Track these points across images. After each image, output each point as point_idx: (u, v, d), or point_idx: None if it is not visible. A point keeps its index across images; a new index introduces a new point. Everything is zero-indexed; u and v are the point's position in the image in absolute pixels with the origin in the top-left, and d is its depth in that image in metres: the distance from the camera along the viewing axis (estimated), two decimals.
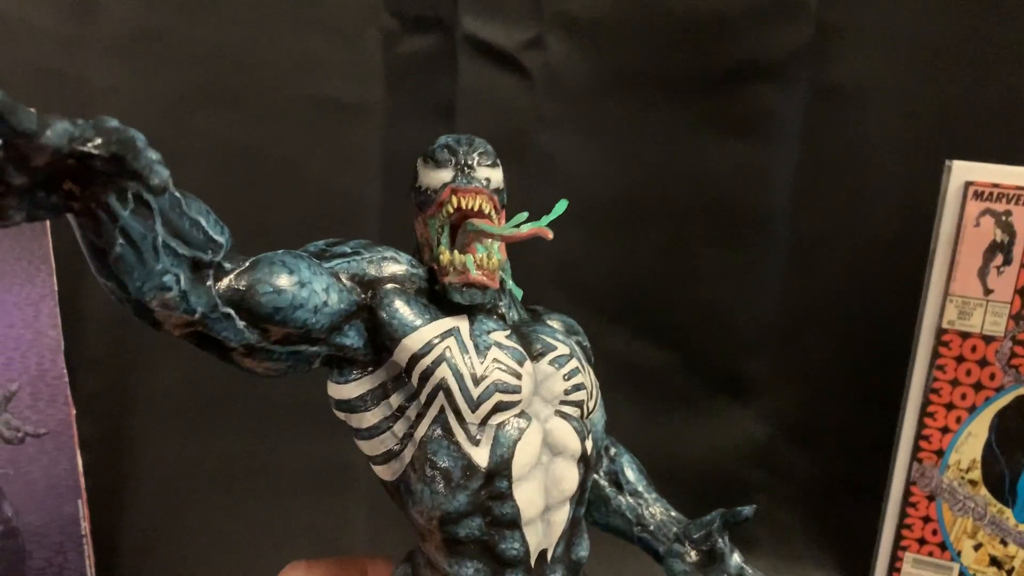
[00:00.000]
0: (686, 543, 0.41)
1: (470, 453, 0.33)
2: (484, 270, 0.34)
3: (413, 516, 0.35)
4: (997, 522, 0.58)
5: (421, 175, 0.37)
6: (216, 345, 0.31)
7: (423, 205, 0.37)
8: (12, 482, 0.55)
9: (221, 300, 0.30)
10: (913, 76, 0.60)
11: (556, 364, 0.36)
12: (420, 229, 0.37)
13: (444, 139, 0.37)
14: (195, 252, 0.30)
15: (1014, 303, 0.54)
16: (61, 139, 0.24)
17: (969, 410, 0.57)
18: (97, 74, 0.58)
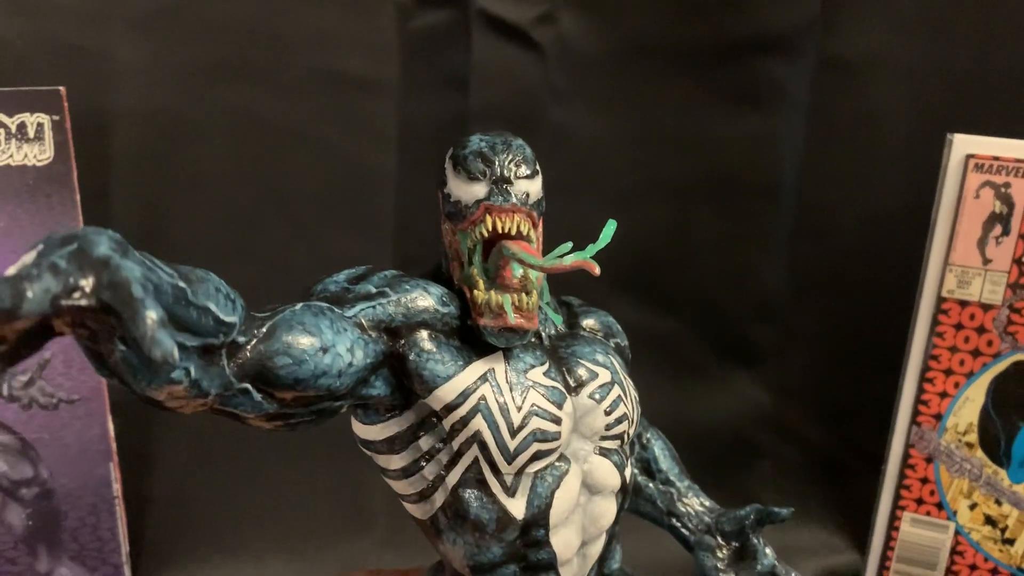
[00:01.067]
0: (717, 536, 0.40)
1: (505, 505, 0.31)
2: (523, 312, 0.31)
3: (444, 556, 0.33)
4: (992, 483, 0.60)
5: (451, 183, 0.33)
6: (232, 415, 0.29)
7: (454, 217, 0.33)
8: (47, 446, 0.57)
9: (236, 378, 0.28)
10: (918, 50, 0.61)
11: (597, 396, 0.33)
12: (449, 237, 0.34)
13: (477, 143, 0.33)
14: (205, 340, 0.26)
15: (1012, 272, 0.56)
16: (42, 304, 0.21)
17: (967, 376, 0.59)
18: (120, 49, 0.58)
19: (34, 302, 0.21)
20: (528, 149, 0.33)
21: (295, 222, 0.63)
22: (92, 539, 0.59)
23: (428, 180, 0.61)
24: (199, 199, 0.61)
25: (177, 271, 0.25)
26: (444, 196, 0.33)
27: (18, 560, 0.58)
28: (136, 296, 0.22)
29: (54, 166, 0.53)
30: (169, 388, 0.25)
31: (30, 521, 0.57)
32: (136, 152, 0.59)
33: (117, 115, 0.59)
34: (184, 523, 0.64)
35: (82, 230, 0.23)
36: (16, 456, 0.56)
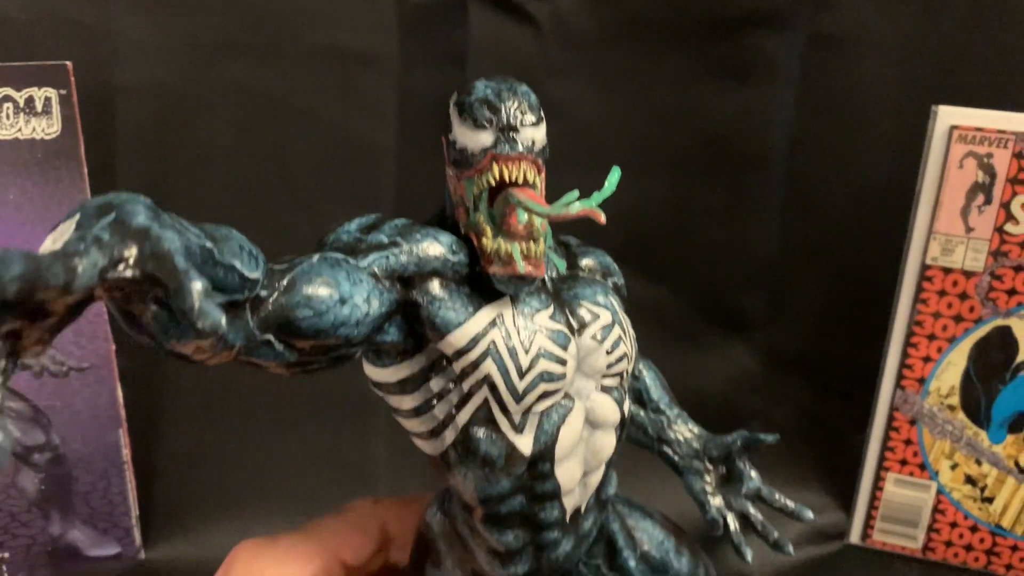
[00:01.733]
0: (705, 460, 0.41)
1: (514, 441, 0.32)
2: (531, 260, 0.31)
3: (454, 488, 0.34)
4: (972, 443, 0.62)
5: (456, 130, 0.32)
6: (254, 365, 0.30)
7: (459, 164, 0.32)
8: (58, 413, 0.58)
9: (259, 330, 0.28)
10: (904, 25, 0.61)
11: (599, 337, 0.34)
12: (454, 184, 0.33)
13: (483, 89, 0.32)
14: (231, 296, 0.27)
15: (993, 240, 0.57)
16: (92, 279, 0.22)
17: (949, 340, 0.60)
18: (123, 26, 0.59)
19: (84, 276, 0.21)
20: (533, 95, 0.33)
21: (296, 194, 0.63)
22: (103, 503, 0.60)
23: (427, 154, 0.62)
24: (202, 171, 0.62)
25: (203, 231, 0.26)
26: (449, 143, 0.32)
27: (32, 523, 0.59)
28: (180, 268, 0.23)
29: (62, 139, 0.54)
30: (197, 343, 0.26)
31: (43, 486, 0.59)
32: (141, 126, 0.60)
33: (122, 90, 0.59)
34: (191, 486, 0.64)
35: (116, 198, 0.24)
36: (28, 422, 0.57)
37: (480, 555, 0.35)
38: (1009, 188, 0.56)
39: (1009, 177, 0.56)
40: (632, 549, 0.39)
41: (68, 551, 0.60)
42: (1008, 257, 0.57)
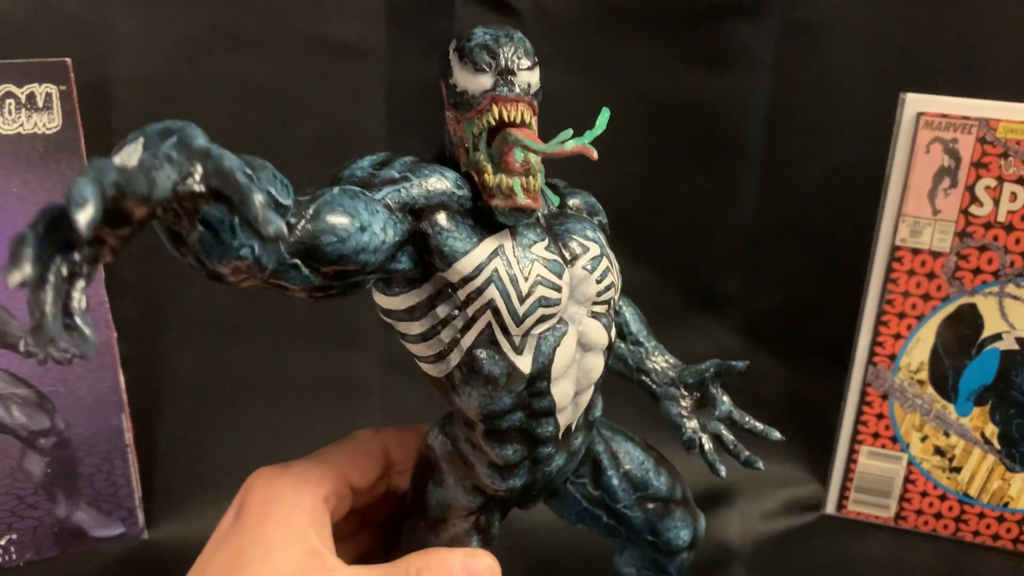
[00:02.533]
0: (681, 388, 0.44)
1: (514, 361, 0.35)
2: (530, 193, 0.34)
3: (458, 407, 0.37)
4: (941, 416, 0.64)
5: (457, 74, 0.34)
6: (281, 287, 0.32)
7: (459, 107, 0.34)
8: (63, 398, 0.59)
9: (288, 254, 0.30)
10: (875, 14, 0.63)
11: (590, 267, 0.37)
12: (453, 126, 0.36)
13: (482, 36, 0.34)
14: None
15: (958, 222, 0.60)
16: (166, 191, 0.24)
17: (918, 318, 0.62)
18: (117, 19, 0.60)
19: (161, 188, 0.23)
20: (528, 42, 0.35)
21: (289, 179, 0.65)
22: (107, 485, 0.62)
23: (414, 139, 0.65)
24: None
25: (242, 159, 0.28)
26: (449, 87, 0.35)
27: (38, 505, 0.61)
28: (242, 182, 0.24)
29: (62, 133, 0.55)
30: (236, 263, 0.28)
31: (48, 469, 0.60)
32: (136, 116, 0.59)
33: (117, 82, 0.60)
34: (192, 467, 0.66)
35: (174, 124, 0.26)
36: (34, 408, 0.59)
37: (480, 469, 0.38)
38: (973, 172, 0.58)
39: (973, 161, 0.58)
40: (616, 468, 0.43)
41: (74, 532, 0.62)
42: (973, 238, 0.60)
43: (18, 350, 0.58)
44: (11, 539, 0.60)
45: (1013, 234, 0.59)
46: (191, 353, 0.66)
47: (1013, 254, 0.59)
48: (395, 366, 0.69)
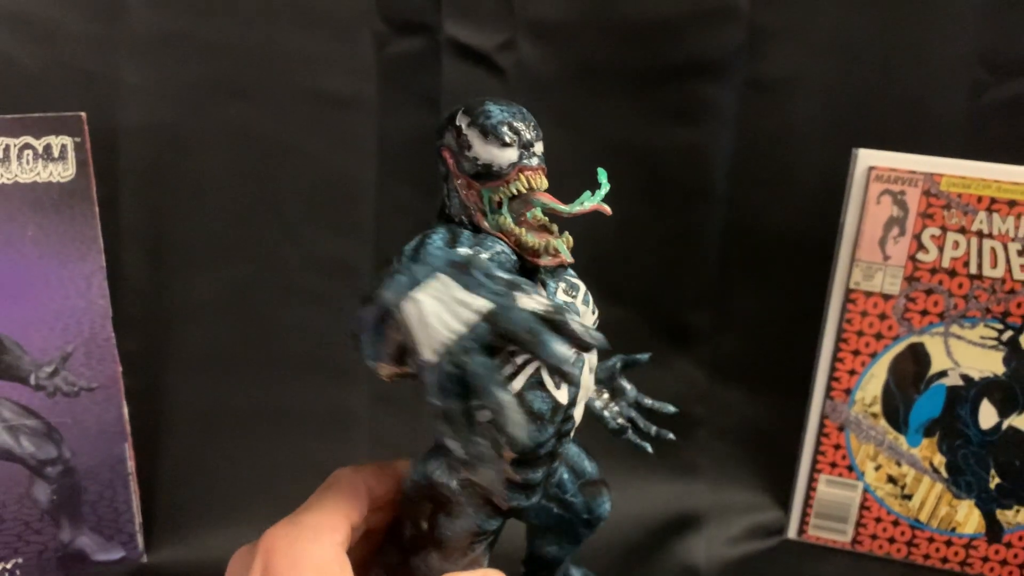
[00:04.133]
0: (597, 385, 0.48)
1: (556, 396, 0.38)
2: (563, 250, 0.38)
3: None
4: (893, 447, 0.68)
5: (479, 148, 0.38)
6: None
7: (482, 177, 0.38)
8: (70, 429, 0.62)
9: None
10: (830, 74, 0.67)
11: (585, 302, 0.41)
12: (465, 192, 0.39)
13: (500, 114, 0.38)
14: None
15: (907, 267, 0.64)
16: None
17: (871, 356, 0.66)
18: (125, 72, 0.63)
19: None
20: (532, 116, 0.39)
21: (285, 225, 0.68)
22: (109, 511, 0.65)
23: (404, 187, 0.69)
24: (199, 205, 0.67)
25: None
26: (467, 159, 0.38)
27: (43, 531, 0.63)
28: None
29: (76, 182, 0.59)
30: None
31: (54, 496, 0.63)
32: (143, 165, 0.65)
33: (125, 132, 0.64)
34: (190, 495, 0.69)
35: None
36: (42, 438, 0.62)
37: (501, 493, 0.41)
38: (920, 221, 0.63)
39: (919, 212, 0.63)
40: (563, 464, 0.46)
41: (76, 556, 0.65)
42: (920, 282, 0.65)
43: (29, 383, 0.61)
44: (17, 563, 0.63)
45: (956, 279, 0.64)
46: (191, 386, 0.69)
47: (956, 297, 0.64)
48: (383, 399, 0.72)
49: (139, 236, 0.65)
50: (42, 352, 0.61)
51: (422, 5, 0.65)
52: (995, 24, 0.66)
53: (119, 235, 0.64)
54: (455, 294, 0.33)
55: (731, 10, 0.67)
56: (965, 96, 0.68)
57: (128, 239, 0.65)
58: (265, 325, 0.69)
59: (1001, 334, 0.64)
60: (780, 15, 0.67)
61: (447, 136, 0.39)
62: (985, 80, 0.67)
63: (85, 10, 0.62)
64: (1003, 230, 0.62)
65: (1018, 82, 0.67)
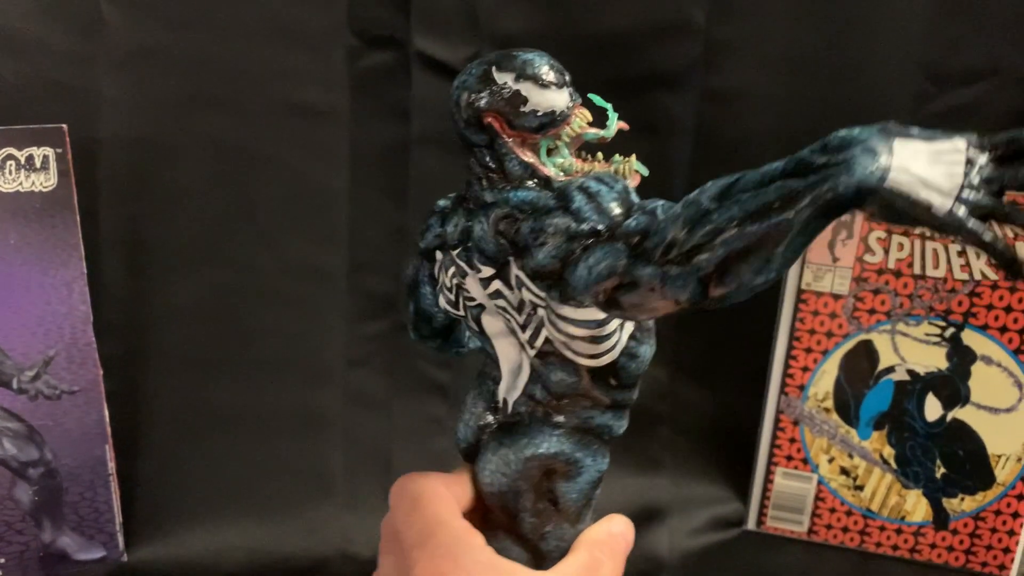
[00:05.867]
0: None
1: (651, 343, 0.40)
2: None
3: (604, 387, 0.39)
4: (845, 440, 0.71)
5: (538, 98, 0.36)
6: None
7: (544, 127, 0.37)
8: (51, 432, 0.64)
9: None
10: (782, 86, 0.69)
11: None
12: (521, 150, 0.37)
13: (540, 59, 0.37)
14: None
15: (855, 268, 0.67)
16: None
17: (823, 353, 0.70)
18: (104, 86, 0.64)
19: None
20: None
21: (260, 232, 0.70)
22: (90, 511, 0.66)
23: (376, 195, 0.71)
24: (177, 213, 0.68)
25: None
26: (525, 114, 0.36)
27: (25, 531, 0.65)
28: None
29: (57, 192, 0.61)
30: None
31: (36, 497, 0.65)
32: (123, 174, 0.66)
33: (105, 143, 0.65)
34: (169, 496, 0.71)
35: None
36: (24, 440, 0.64)
37: (619, 424, 0.41)
38: (866, 225, 0.67)
39: (866, 216, 0.66)
40: None
41: (58, 556, 0.66)
42: (868, 282, 0.68)
43: (11, 387, 0.63)
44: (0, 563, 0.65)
45: (901, 279, 0.67)
46: (170, 389, 0.70)
47: (902, 296, 0.68)
48: (355, 400, 0.74)
49: (119, 243, 0.67)
50: (24, 356, 0.63)
51: (392, 20, 0.68)
52: (937, 37, 0.69)
53: (99, 242, 0.66)
54: (923, 147, 0.27)
55: (687, 25, 0.69)
56: (910, 106, 0.71)
57: (108, 246, 0.67)
58: (242, 329, 0.71)
59: (944, 331, 0.68)
60: (734, 30, 0.70)
61: (485, 100, 0.37)
62: (928, 91, 0.70)
63: (65, 26, 0.64)
64: None
65: (959, 93, 0.70)
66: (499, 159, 0.38)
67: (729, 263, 0.29)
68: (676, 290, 0.30)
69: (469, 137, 0.38)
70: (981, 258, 0.66)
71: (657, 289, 0.30)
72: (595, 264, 0.33)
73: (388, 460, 0.75)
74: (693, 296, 0.30)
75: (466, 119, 0.38)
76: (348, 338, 0.73)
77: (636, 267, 0.31)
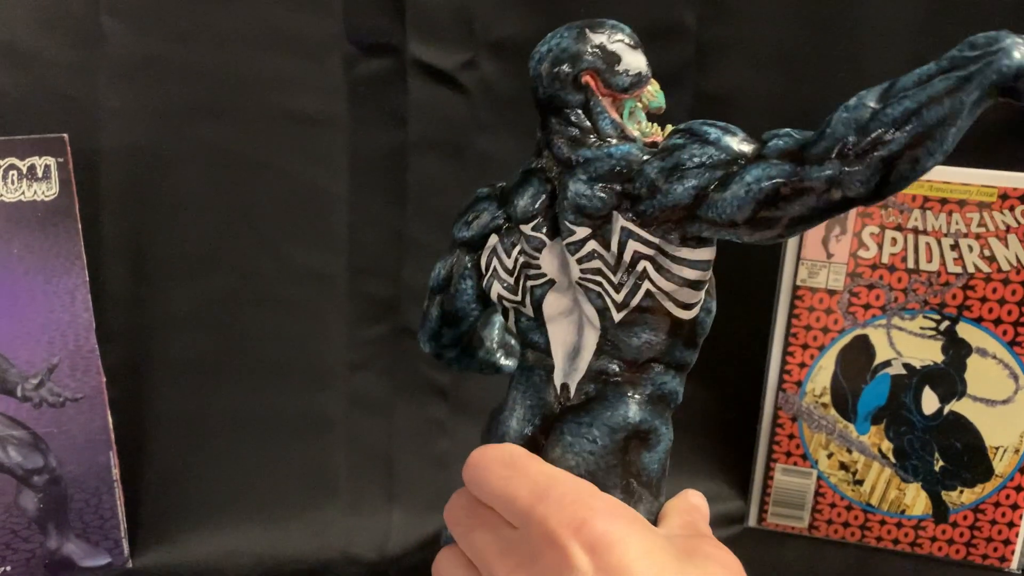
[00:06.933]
0: None
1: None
2: None
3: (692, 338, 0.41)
4: (844, 435, 0.72)
5: (629, 59, 0.39)
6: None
7: (632, 88, 0.39)
8: (56, 439, 0.64)
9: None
10: (774, 86, 0.70)
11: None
12: (611, 109, 0.40)
13: (622, 25, 0.40)
14: None
15: (849, 264, 0.68)
16: None
17: (819, 349, 0.70)
18: (105, 96, 0.65)
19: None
20: None
21: (261, 238, 0.71)
22: (95, 518, 0.67)
23: (375, 199, 0.72)
24: (178, 220, 0.69)
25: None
26: (618, 73, 0.39)
27: (31, 539, 0.66)
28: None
29: (59, 200, 0.61)
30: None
31: (41, 504, 0.65)
32: (124, 183, 0.67)
33: (106, 152, 0.66)
34: (174, 501, 0.71)
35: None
36: (29, 448, 0.64)
37: (680, 390, 0.43)
38: (859, 221, 0.67)
39: (859, 212, 0.67)
40: None
41: (63, 563, 0.67)
42: (862, 277, 0.69)
43: (15, 395, 0.63)
44: (5, 571, 0.65)
45: (896, 274, 0.68)
46: (173, 395, 0.71)
47: (896, 291, 0.69)
48: (357, 404, 0.75)
49: (121, 251, 0.68)
50: (28, 364, 0.63)
51: (388, 28, 0.68)
52: (925, 38, 0.70)
53: (101, 251, 0.66)
54: None
55: (679, 27, 0.70)
56: None
57: (110, 254, 0.67)
58: (243, 334, 0.72)
59: (939, 324, 0.69)
60: (725, 32, 0.71)
61: (585, 60, 0.39)
62: None
63: (65, 37, 0.65)
64: (936, 226, 0.67)
65: None
66: (593, 118, 0.40)
67: (909, 148, 0.32)
68: (855, 184, 0.33)
69: (564, 98, 0.40)
70: (974, 251, 0.67)
71: (831, 189, 0.34)
72: (754, 181, 0.35)
73: (390, 462, 0.75)
74: (870, 188, 0.33)
75: (562, 79, 0.40)
76: (349, 342, 0.74)
77: (809, 171, 0.34)
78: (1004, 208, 0.65)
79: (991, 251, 0.66)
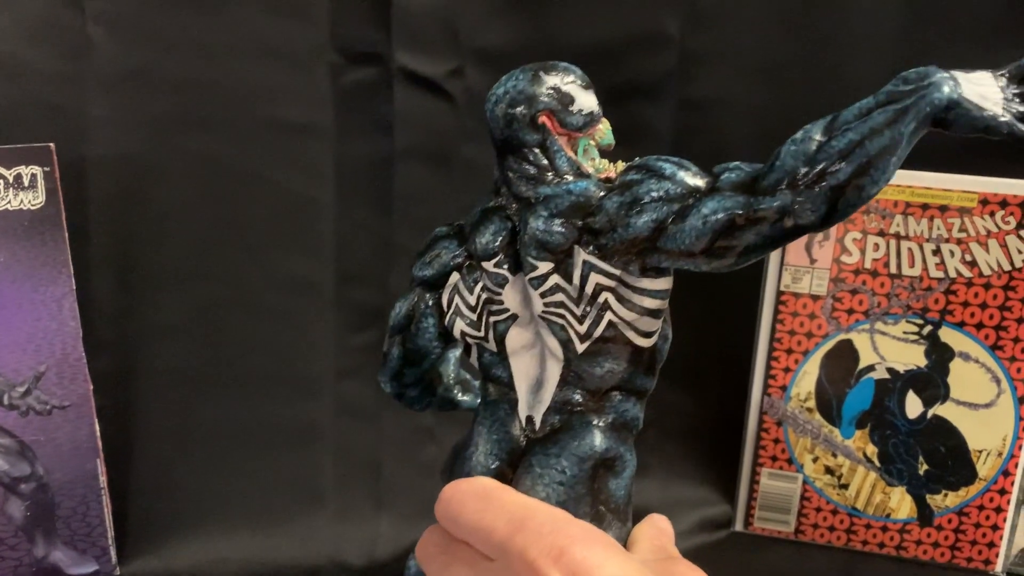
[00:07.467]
0: None
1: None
2: None
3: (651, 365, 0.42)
4: (829, 439, 0.73)
5: (583, 99, 0.41)
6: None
7: (585, 127, 0.41)
8: (43, 447, 0.64)
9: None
10: (757, 94, 0.71)
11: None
12: (566, 147, 0.41)
13: (574, 66, 0.42)
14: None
15: (832, 269, 0.69)
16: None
17: (804, 354, 0.71)
18: (92, 105, 0.66)
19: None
20: None
21: (248, 247, 0.71)
22: (82, 526, 0.67)
23: (361, 208, 0.72)
24: (165, 229, 0.69)
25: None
26: (573, 113, 0.41)
27: (18, 547, 0.66)
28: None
29: (45, 209, 0.62)
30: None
31: (28, 512, 0.65)
32: (111, 193, 0.67)
33: (93, 161, 0.66)
34: (161, 509, 0.71)
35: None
36: (15, 456, 0.64)
37: (640, 414, 0.44)
38: (842, 227, 0.68)
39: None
40: None
41: (51, 571, 0.67)
42: (845, 283, 0.69)
43: (2, 403, 0.63)
44: None
45: (878, 279, 0.69)
46: (161, 403, 0.71)
47: (879, 296, 0.69)
48: (345, 411, 0.75)
49: (108, 260, 0.68)
50: (15, 373, 0.63)
51: (374, 37, 0.69)
52: (907, 46, 0.71)
53: (88, 259, 0.67)
54: (969, 76, 0.34)
55: (662, 36, 0.71)
56: None
57: (97, 263, 0.68)
58: (231, 343, 0.72)
59: (921, 329, 0.69)
60: (708, 40, 0.71)
61: (541, 101, 0.41)
62: None
63: (53, 47, 0.65)
64: (918, 232, 0.67)
65: None
66: (550, 156, 0.41)
67: (855, 177, 0.34)
68: (806, 212, 0.35)
69: (522, 138, 0.41)
70: (955, 256, 0.68)
71: (784, 217, 0.35)
72: (711, 213, 0.37)
73: (378, 470, 0.76)
74: (820, 215, 0.35)
75: (520, 120, 0.41)
76: (337, 350, 0.74)
77: (761, 202, 0.36)
78: (985, 213, 0.66)
79: (972, 256, 0.67)
